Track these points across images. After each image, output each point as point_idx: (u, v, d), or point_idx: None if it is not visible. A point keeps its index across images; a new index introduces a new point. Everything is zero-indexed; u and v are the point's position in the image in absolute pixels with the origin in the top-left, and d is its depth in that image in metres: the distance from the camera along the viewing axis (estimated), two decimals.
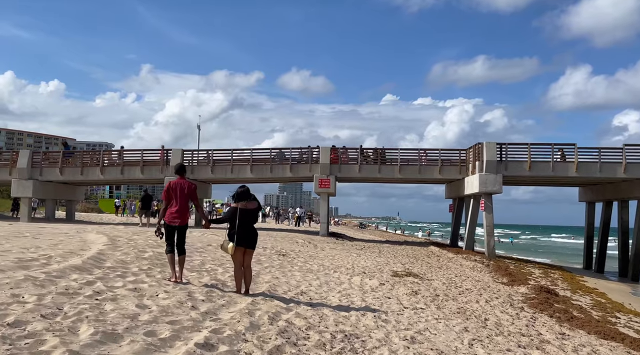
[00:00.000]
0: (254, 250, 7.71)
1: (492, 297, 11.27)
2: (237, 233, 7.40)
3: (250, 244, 7.55)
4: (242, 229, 7.42)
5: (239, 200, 7.51)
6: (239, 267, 7.56)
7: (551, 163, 22.88)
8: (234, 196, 7.63)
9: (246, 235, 7.46)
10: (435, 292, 10.86)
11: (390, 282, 11.45)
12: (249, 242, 7.53)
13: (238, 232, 7.40)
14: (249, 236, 7.50)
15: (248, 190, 7.60)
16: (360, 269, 13.33)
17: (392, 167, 25.52)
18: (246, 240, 7.47)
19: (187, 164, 26.13)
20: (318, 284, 9.88)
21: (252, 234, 7.57)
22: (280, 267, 11.59)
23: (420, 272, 14.39)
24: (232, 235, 7.41)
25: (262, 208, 9.03)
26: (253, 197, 7.69)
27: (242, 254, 7.51)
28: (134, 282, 7.02)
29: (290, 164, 25.80)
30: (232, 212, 7.48)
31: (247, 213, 7.44)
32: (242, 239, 7.41)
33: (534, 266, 23.17)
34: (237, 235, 7.39)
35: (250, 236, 7.54)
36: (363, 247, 22.11)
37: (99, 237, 11.04)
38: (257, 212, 7.73)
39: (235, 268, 7.61)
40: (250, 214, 7.50)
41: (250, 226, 7.55)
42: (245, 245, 7.48)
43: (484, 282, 14.36)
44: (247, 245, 7.50)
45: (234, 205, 7.52)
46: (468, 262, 20.03)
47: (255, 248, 7.73)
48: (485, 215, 23.11)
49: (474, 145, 23.84)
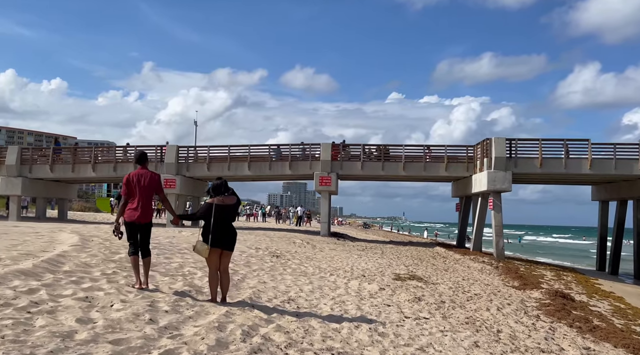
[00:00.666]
0: (232, 252, 6.72)
1: (503, 304, 10.20)
2: (213, 232, 6.40)
3: (227, 245, 6.55)
4: (218, 228, 6.43)
5: (215, 194, 6.52)
6: (214, 271, 6.57)
7: (563, 160, 21.74)
8: (209, 189, 6.64)
9: (223, 235, 6.47)
10: (440, 298, 9.81)
11: (391, 286, 10.42)
12: (226, 243, 6.53)
13: (213, 232, 6.41)
14: (226, 236, 6.51)
15: (225, 182, 6.61)
16: (360, 272, 12.31)
17: (396, 164, 24.46)
18: (223, 241, 6.47)
19: (182, 162, 25.20)
20: (310, 289, 8.86)
21: (229, 234, 6.58)
22: (270, 270, 10.59)
23: (425, 275, 13.33)
24: (207, 235, 6.43)
25: (242, 203, 7.97)
26: (232, 191, 6.69)
27: (218, 256, 6.52)
28: (89, 289, 6.02)
29: (289, 160, 24.79)
30: (207, 208, 6.48)
31: (224, 209, 6.45)
32: (218, 239, 6.42)
33: (544, 268, 22.05)
34: (212, 235, 6.40)
35: (228, 236, 6.55)
36: (365, 248, 21.06)
37: (70, 237, 10.08)
38: (236, 208, 6.73)
39: (210, 273, 6.62)
40: (227, 211, 6.50)
41: (227, 224, 6.55)
42: (222, 247, 6.49)
43: (494, 286, 13.29)
44: (223, 246, 6.50)
45: (209, 201, 6.53)
46: (476, 263, 18.94)
47: (233, 249, 6.74)
48: (493, 214, 22.00)
49: (482, 141, 22.73)
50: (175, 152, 24.73)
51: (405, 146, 25.31)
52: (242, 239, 16.78)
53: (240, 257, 11.66)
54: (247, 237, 18.13)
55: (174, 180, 24.32)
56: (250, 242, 16.18)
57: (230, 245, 6.59)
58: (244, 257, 11.89)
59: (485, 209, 23.10)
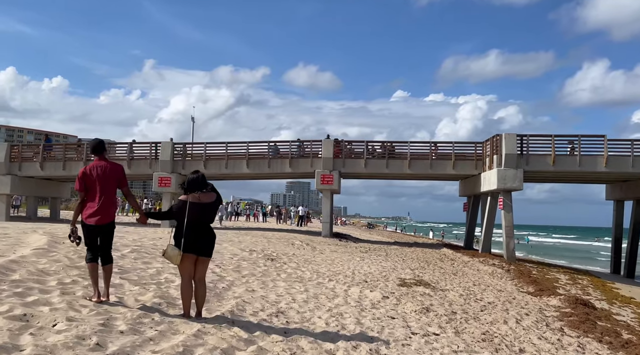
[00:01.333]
0: (209, 258, 5.70)
1: (521, 314, 9.14)
2: (186, 235, 5.40)
3: (203, 250, 5.55)
4: (192, 230, 5.43)
5: (190, 190, 5.52)
6: (187, 281, 5.56)
7: (578, 157, 20.63)
8: (183, 184, 5.63)
9: (198, 239, 5.46)
10: (451, 307, 8.77)
11: (395, 294, 9.38)
12: (202, 248, 5.52)
13: (187, 234, 5.40)
14: (202, 240, 5.51)
15: (203, 177, 5.60)
16: (362, 277, 11.28)
17: (401, 162, 23.40)
18: (198, 245, 5.47)
19: (178, 159, 24.22)
20: (304, 298, 7.84)
21: (206, 237, 5.57)
22: (263, 276, 9.58)
23: (432, 280, 12.29)
24: (179, 238, 5.43)
25: (222, 201, 6.88)
26: (211, 186, 5.69)
27: (192, 263, 5.51)
28: (32, 304, 5.02)
29: (289, 158, 23.78)
30: (180, 206, 5.48)
31: (201, 208, 5.45)
32: (193, 243, 5.42)
33: (558, 271, 20.96)
34: (185, 238, 5.39)
35: (204, 240, 5.55)
36: (368, 249, 20.02)
37: (38, 239, 9.10)
38: (215, 207, 5.70)
39: (182, 283, 5.61)
40: (204, 210, 5.50)
41: (204, 226, 5.55)
42: (197, 252, 5.49)
43: (508, 293, 12.23)
44: (199, 251, 5.50)
45: (183, 197, 5.53)
46: (486, 266, 17.87)
47: (211, 255, 5.72)
48: (504, 214, 20.92)
49: (492, 138, 21.65)
50: (170, 149, 23.78)
51: (410, 143, 24.25)
52: (237, 241, 15.80)
53: (231, 261, 10.66)
54: (242, 238, 17.14)
55: (169, 178, 23.37)
56: (246, 243, 15.18)
57: (207, 250, 5.59)
58: (235, 260, 10.89)
59: (495, 208, 22.03)
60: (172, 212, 5.57)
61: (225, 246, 13.37)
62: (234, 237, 17.25)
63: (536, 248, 51.70)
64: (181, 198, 5.53)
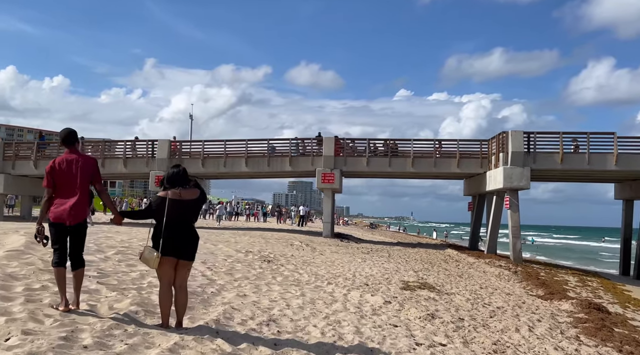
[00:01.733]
0: (191, 262, 5.12)
1: (533, 321, 8.54)
2: (165, 236, 4.83)
3: (185, 253, 4.97)
4: (172, 230, 4.86)
5: (170, 185, 4.96)
6: (166, 287, 5.00)
7: (586, 155, 19.98)
8: (163, 180, 5.06)
9: (179, 240, 4.90)
10: (458, 313, 8.17)
11: (398, 298, 8.78)
12: (184, 251, 4.95)
13: (166, 235, 4.84)
14: (183, 241, 4.94)
15: (184, 171, 5.04)
16: (363, 280, 10.69)
17: (404, 160, 22.79)
18: (178, 248, 4.90)
19: (175, 157, 23.65)
20: (300, 304, 7.26)
21: (188, 239, 5.01)
22: (256, 279, 9.00)
23: (437, 283, 11.69)
24: (158, 239, 4.85)
25: (207, 198, 6.25)
26: (194, 182, 5.12)
27: (172, 268, 4.95)
28: None
29: (290, 156, 23.19)
30: (159, 203, 4.91)
31: (182, 206, 4.89)
32: (172, 245, 4.85)
33: (566, 272, 20.31)
34: (164, 240, 4.82)
35: (187, 241, 4.98)
36: (370, 250, 19.42)
37: (17, 240, 8.55)
38: (199, 205, 5.13)
39: (160, 289, 5.04)
40: (186, 208, 4.93)
41: (186, 226, 4.98)
42: (177, 255, 4.91)
43: (517, 296, 11.62)
44: (179, 254, 4.93)
45: (162, 194, 4.96)
46: (492, 268, 17.26)
47: (194, 259, 5.14)
48: (510, 214, 20.29)
49: (498, 135, 21.03)
50: (167, 147, 23.22)
51: (414, 141, 23.63)
52: (234, 241, 15.23)
53: (224, 263, 10.08)
54: (239, 238, 16.57)
55: None
56: (242, 244, 14.60)
57: (188, 253, 5.01)
58: (228, 262, 10.31)
59: (501, 208, 21.40)
60: (150, 210, 5.00)
61: (220, 247, 12.80)
62: (230, 237, 16.69)
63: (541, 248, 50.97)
64: (160, 194, 4.96)
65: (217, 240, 14.88)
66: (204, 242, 13.65)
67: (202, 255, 10.65)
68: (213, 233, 17.74)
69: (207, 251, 11.58)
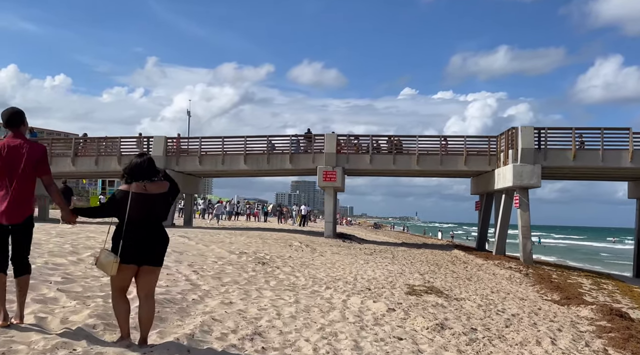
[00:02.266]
0: (158, 268, 4.29)
1: (553, 330, 7.68)
2: (127, 238, 4.01)
3: (149, 257, 4.14)
4: (135, 231, 4.04)
5: (132, 178, 4.14)
6: (119, 297, 4.19)
7: (600, 151, 19.07)
8: (124, 171, 4.24)
9: (144, 242, 4.07)
10: (469, 322, 7.32)
11: (403, 305, 7.95)
12: (148, 255, 4.13)
13: (128, 236, 4.02)
14: (149, 243, 4.11)
15: (149, 162, 4.21)
16: (365, 283, 9.87)
17: (409, 158, 21.93)
18: (142, 251, 4.08)
19: (171, 155, 22.87)
20: (292, 312, 6.43)
21: (155, 240, 4.18)
22: (247, 283, 8.20)
23: (445, 287, 10.84)
24: (118, 240, 4.04)
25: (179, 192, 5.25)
26: (162, 173, 4.31)
27: (131, 275, 4.14)
28: None
29: (290, 154, 22.37)
30: (119, 198, 4.09)
31: (148, 201, 4.08)
32: (135, 248, 4.04)
33: (578, 274, 19.39)
34: (124, 242, 4.01)
35: (152, 243, 4.15)
36: (373, 251, 18.58)
37: None
38: (167, 200, 4.30)
39: (113, 300, 4.23)
40: (153, 204, 4.12)
41: (152, 225, 4.17)
42: (140, 261, 4.09)
43: (531, 301, 10.76)
44: (143, 259, 4.10)
45: (124, 187, 4.14)
46: (502, 270, 16.38)
47: (161, 264, 4.30)
48: (520, 213, 19.41)
49: (507, 131, 20.15)
50: (163, 144, 22.44)
51: (419, 137, 22.75)
52: (228, 242, 14.43)
53: (213, 266, 9.27)
54: (236, 239, 15.77)
55: None
56: (237, 245, 13.80)
57: (154, 257, 4.18)
58: (218, 265, 9.50)
59: (510, 207, 20.53)
60: (109, 205, 4.18)
61: (212, 248, 11.99)
62: (226, 237, 15.88)
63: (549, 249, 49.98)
64: (121, 188, 4.13)
65: (211, 240, 14.08)
66: (195, 243, 12.86)
67: (191, 257, 9.86)
68: (208, 233, 16.94)
69: (198, 253, 10.78)
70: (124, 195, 4.06)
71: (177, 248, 10.72)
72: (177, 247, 10.93)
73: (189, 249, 11.22)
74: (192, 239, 13.48)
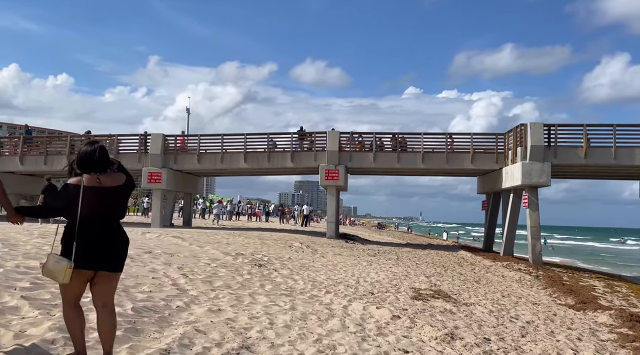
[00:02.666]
0: (118, 273, 3.68)
1: (572, 340, 7.05)
2: (80, 240, 3.40)
3: (109, 261, 3.52)
4: (90, 231, 3.43)
5: (84, 170, 3.54)
6: (72, 308, 3.60)
7: (612, 149, 18.38)
8: (71, 163, 3.63)
9: (101, 244, 3.46)
10: (482, 331, 6.69)
11: (409, 311, 7.33)
12: (107, 259, 3.51)
13: (82, 238, 3.41)
14: (106, 245, 3.50)
15: (102, 150, 3.60)
16: (368, 287, 9.26)
17: (414, 156, 21.28)
18: (100, 254, 3.46)
19: (170, 153, 22.28)
20: (287, 321, 5.82)
21: (112, 241, 3.56)
22: (241, 288, 7.60)
23: (453, 291, 10.22)
24: (69, 243, 3.42)
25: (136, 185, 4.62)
26: (117, 165, 3.71)
27: (83, 281, 3.54)
28: None
29: (291, 152, 21.75)
30: (69, 193, 3.47)
31: (103, 196, 3.47)
32: (92, 251, 3.42)
33: (589, 276, 18.71)
34: (78, 244, 3.40)
35: (110, 245, 3.53)
36: (377, 252, 17.95)
37: None
38: (124, 195, 3.67)
39: (65, 311, 3.63)
40: (109, 199, 3.51)
41: (109, 224, 3.55)
42: (95, 266, 3.47)
43: (545, 306, 10.11)
44: (99, 264, 3.48)
45: (74, 181, 3.53)
46: (511, 272, 15.73)
47: (121, 269, 3.69)
48: (529, 213, 18.74)
49: (515, 128, 19.48)
50: (161, 141, 21.86)
51: (424, 135, 22.08)
52: (225, 242, 13.83)
53: (205, 269, 8.67)
54: (233, 239, 15.17)
55: (160, 173, 21.44)
56: (235, 245, 13.21)
57: (112, 262, 3.56)
58: (211, 267, 8.90)
59: (518, 207, 19.87)
60: (57, 203, 3.57)
61: (206, 249, 11.40)
62: (223, 238, 15.28)
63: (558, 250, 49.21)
64: (71, 181, 3.51)
65: (207, 241, 13.49)
66: (189, 243, 12.28)
67: (182, 259, 9.26)
68: (205, 233, 16.35)
69: (190, 254, 10.19)
70: (74, 190, 3.44)
71: (168, 249, 10.13)
72: (169, 248, 10.36)
73: (181, 250, 10.63)
74: (187, 240, 12.90)
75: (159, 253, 9.37)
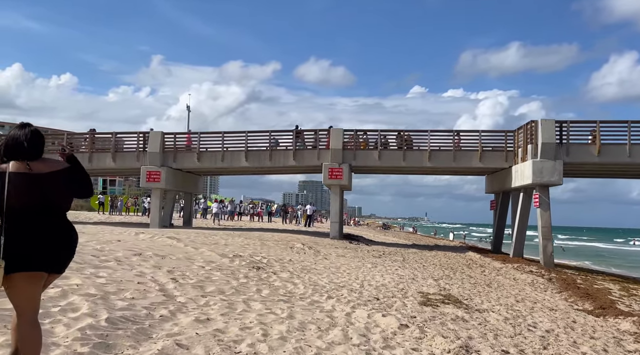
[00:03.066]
0: (57, 274, 3.09)
1: (597, 351, 6.42)
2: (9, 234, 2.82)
3: (41, 261, 2.92)
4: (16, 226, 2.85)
5: (9, 156, 2.97)
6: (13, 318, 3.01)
7: (627, 146, 17.68)
8: None
9: (29, 241, 2.87)
10: (498, 342, 6.06)
11: (418, 319, 6.70)
12: (39, 258, 2.91)
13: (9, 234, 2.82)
14: (37, 242, 2.90)
15: (34, 134, 3.04)
16: (373, 291, 8.65)
17: (420, 154, 20.64)
18: (29, 254, 2.87)
19: (169, 151, 21.74)
20: (282, 332, 5.22)
21: (49, 236, 2.95)
22: (235, 293, 7.00)
23: (464, 295, 9.59)
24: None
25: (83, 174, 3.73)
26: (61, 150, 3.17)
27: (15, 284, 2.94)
28: None
29: (294, 150, 21.16)
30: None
31: (35, 184, 2.89)
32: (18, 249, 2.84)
33: (603, 278, 18.03)
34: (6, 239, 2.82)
35: (45, 242, 2.93)
36: (382, 254, 17.33)
37: None
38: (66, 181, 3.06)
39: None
40: (44, 186, 2.94)
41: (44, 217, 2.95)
42: (27, 266, 2.88)
43: (563, 312, 9.45)
44: (30, 264, 2.89)
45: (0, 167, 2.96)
46: (523, 274, 15.07)
47: (60, 270, 3.08)
48: (540, 213, 18.07)
49: (526, 125, 18.82)
50: (160, 139, 21.31)
51: (430, 132, 21.45)
52: (223, 244, 13.25)
53: (198, 272, 8.07)
54: (232, 240, 14.59)
55: (159, 172, 20.91)
56: (233, 247, 12.62)
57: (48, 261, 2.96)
58: (204, 271, 8.30)
59: (529, 206, 19.20)
60: None
61: (202, 251, 10.81)
62: (222, 239, 14.70)
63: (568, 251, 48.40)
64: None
65: (203, 242, 12.91)
66: (184, 245, 11.70)
67: (174, 262, 8.68)
68: (203, 234, 15.78)
69: (184, 256, 9.60)
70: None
71: (161, 251, 9.55)
72: (162, 250, 9.78)
73: (174, 251, 10.05)
74: (182, 241, 12.32)
75: (149, 255, 8.79)
